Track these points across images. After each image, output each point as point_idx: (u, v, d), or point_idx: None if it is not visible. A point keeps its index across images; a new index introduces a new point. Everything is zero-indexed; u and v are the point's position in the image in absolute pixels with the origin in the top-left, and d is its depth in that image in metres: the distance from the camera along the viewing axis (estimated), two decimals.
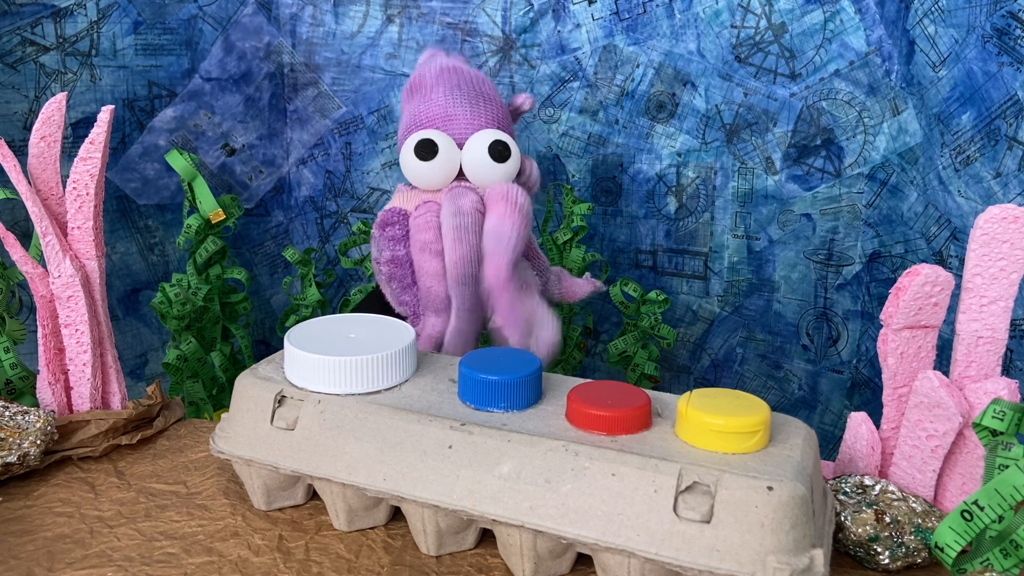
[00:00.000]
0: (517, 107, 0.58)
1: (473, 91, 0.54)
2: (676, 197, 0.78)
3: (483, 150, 0.51)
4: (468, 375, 0.37)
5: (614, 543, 0.32)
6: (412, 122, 0.55)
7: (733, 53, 0.73)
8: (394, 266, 0.52)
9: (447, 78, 0.54)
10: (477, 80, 0.55)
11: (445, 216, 0.49)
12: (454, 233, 0.48)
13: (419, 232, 0.50)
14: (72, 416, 0.46)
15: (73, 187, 0.46)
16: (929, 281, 0.37)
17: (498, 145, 0.51)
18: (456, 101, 0.53)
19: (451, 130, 0.53)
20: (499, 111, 0.55)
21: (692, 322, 0.80)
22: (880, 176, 0.70)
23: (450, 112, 0.53)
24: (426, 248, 0.50)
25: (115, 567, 0.36)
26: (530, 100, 0.59)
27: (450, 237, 0.49)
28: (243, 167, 0.82)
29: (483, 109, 0.53)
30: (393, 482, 0.36)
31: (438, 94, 0.54)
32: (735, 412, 0.33)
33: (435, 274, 0.50)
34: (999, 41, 0.54)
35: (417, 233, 0.50)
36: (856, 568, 0.37)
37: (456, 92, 0.53)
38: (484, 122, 0.53)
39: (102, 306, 0.48)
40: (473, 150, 0.52)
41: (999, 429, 0.34)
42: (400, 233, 0.52)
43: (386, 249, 0.52)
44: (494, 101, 0.55)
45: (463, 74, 0.55)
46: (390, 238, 0.52)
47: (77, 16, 0.70)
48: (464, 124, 0.53)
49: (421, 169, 0.51)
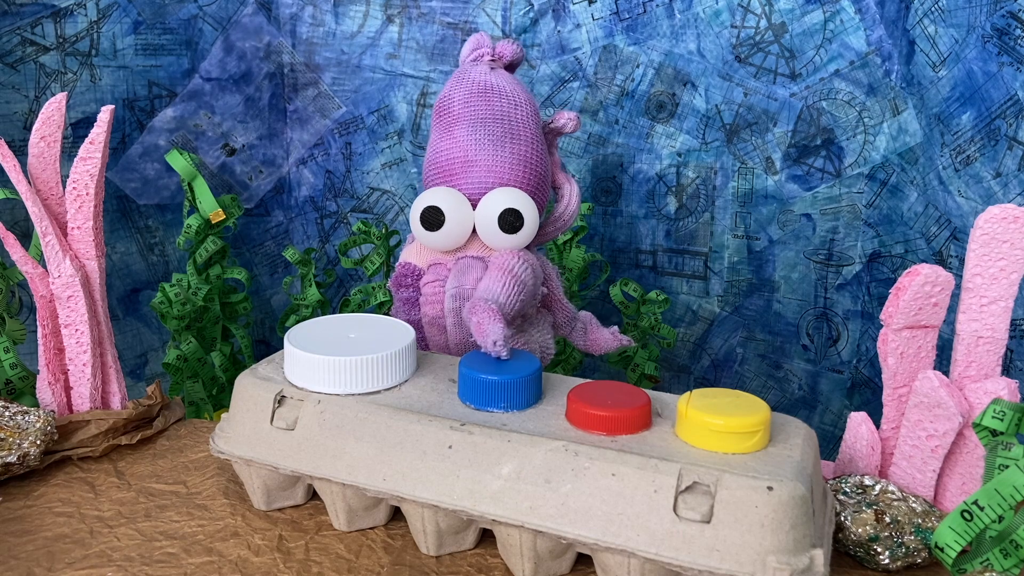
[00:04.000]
0: (559, 128, 0.53)
1: (500, 127, 0.49)
2: (676, 197, 0.78)
3: (493, 219, 0.47)
4: (468, 375, 0.37)
5: (614, 543, 0.32)
6: (432, 161, 0.50)
7: (733, 53, 0.73)
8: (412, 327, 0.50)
9: (474, 108, 0.49)
10: (510, 108, 0.50)
11: (447, 292, 0.46)
12: (453, 317, 0.46)
13: (426, 305, 0.48)
14: (72, 416, 0.46)
15: (73, 187, 0.46)
16: (929, 281, 0.37)
17: (509, 216, 0.47)
18: (478, 142, 0.48)
19: (468, 182, 0.48)
20: (527, 150, 0.49)
21: (692, 322, 0.80)
22: (880, 176, 0.70)
23: (470, 156, 0.48)
24: (433, 323, 0.48)
25: (115, 567, 0.36)
26: (573, 123, 0.52)
27: (450, 320, 0.47)
28: (243, 167, 0.82)
29: (508, 153, 0.48)
30: (393, 482, 0.36)
31: (461, 131, 0.49)
32: (735, 412, 0.33)
33: (443, 348, 0.48)
34: (999, 41, 0.54)
35: (425, 305, 0.48)
36: (856, 568, 0.37)
37: (480, 130, 0.49)
38: (505, 174, 0.48)
39: (102, 306, 0.48)
40: (484, 216, 0.47)
41: (999, 429, 0.34)
42: (413, 296, 0.49)
43: (402, 312, 0.50)
44: (524, 137, 0.49)
45: (493, 99, 0.49)
46: (404, 300, 0.50)
47: (77, 16, 0.70)
48: (483, 173, 0.48)
49: (428, 238, 0.48)
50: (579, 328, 0.54)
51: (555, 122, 0.52)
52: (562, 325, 0.53)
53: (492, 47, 0.52)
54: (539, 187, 0.50)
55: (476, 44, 0.53)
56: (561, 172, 0.53)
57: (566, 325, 0.53)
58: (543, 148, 0.51)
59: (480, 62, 0.52)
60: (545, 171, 0.51)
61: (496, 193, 0.48)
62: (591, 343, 0.54)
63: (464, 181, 0.48)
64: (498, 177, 0.48)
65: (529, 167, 0.49)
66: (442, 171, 0.49)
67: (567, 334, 0.53)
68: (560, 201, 0.53)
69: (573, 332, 0.54)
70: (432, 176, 0.50)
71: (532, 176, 0.49)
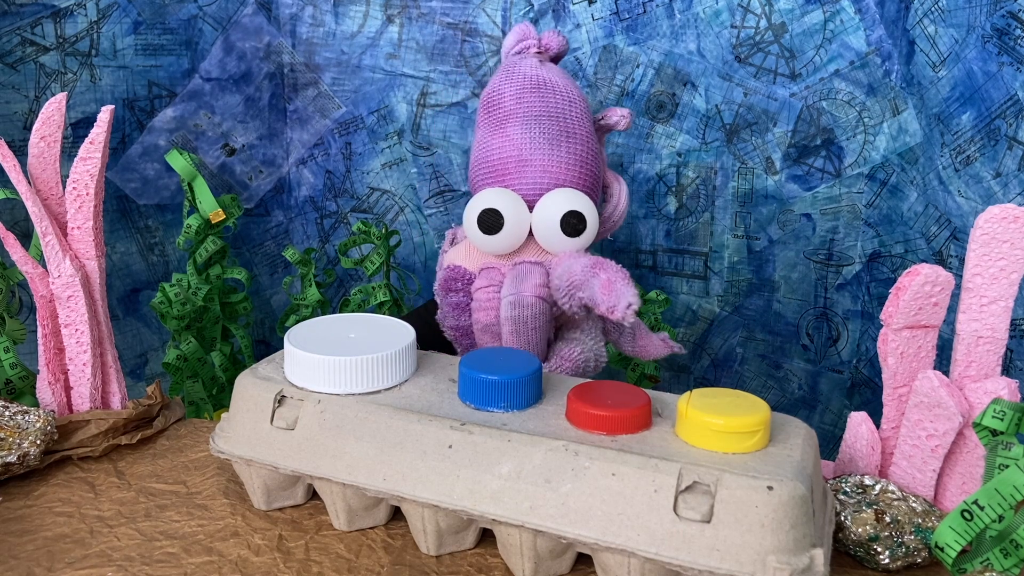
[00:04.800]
0: (610, 125, 0.51)
1: (556, 124, 0.47)
2: (676, 197, 0.78)
3: (555, 223, 0.45)
4: (468, 375, 0.37)
5: (614, 543, 0.32)
6: (482, 160, 0.49)
7: (733, 53, 0.73)
8: (459, 333, 0.49)
9: (528, 104, 0.48)
10: (565, 104, 0.48)
11: (504, 299, 0.45)
12: (510, 326, 0.44)
13: (479, 312, 0.46)
14: (72, 416, 0.46)
15: (73, 187, 0.46)
16: (929, 281, 0.37)
17: (572, 218, 0.45)
18: (534, 140, 0.47)
19: (523, 182, 0.47)
20: (583, 149, 0.48)
21: (692, 322, 0.80)
22: (880, 176, 0.70)
23: (525, 156, 0.47)
24: (487, 330, 0.46)
25: (115, 567, 0.36)
26: (626, 120, 0.51)
27: (507, 329, 0.45)
28: (243, 167, 0.82)
29: (564, 152, 0.47)
30: (393, 482, 0.36)
31: (515, 128, 0.47)
32: (735, 412, 0.33)
33: None
34: (999, 41, 0.54)
35: (477, 312, 0.46)
36: (856, 568, 0.37)
37: (535, 127, 0.47)
38: (563, 174, 0.47)
39: (102, 306, 0.48)
40: (545, 220, 0.46)
41: (999, 429, 0.34)
42: (464, 301, 0.48)
43: (450, 317, 0.48)
44: (580, 136, 0.48)
45: (548, 98, 0.48)
46: (454, 305, 0.48)
47: (77, 16, 0.70)
48: (539, 173, 0.47)
49: (485, 242, 0.46)
50: (627, 333, 0.52)
51: (606, 119, 0.51)
52: (611, 331, 0.51)
53: (538, 38, 0.51)
54: (594, 187, 0.49)
55: (521, 35, 0.51)
56: (610, 171, 0.52)
57: (615, 331, 0.52)
58: (597, 147, 0.50)
59: (527, 55, 0.50)
60: (599, 171, 0.49)
61: (555, 195, 0.46)
62: (640, 349, 0.53)
63: (518, 181, 0.47)
64: (554, 178, 0.47)
65: (585, 167, 0.48)
66: (494, 170, 0.48)
67: (615, 339, 0.52)
68: (609, 201, 0.51)
69: (621, 338, 0.52)
70: (483, 175, 0.48)
71: (588, 176, 0.48)
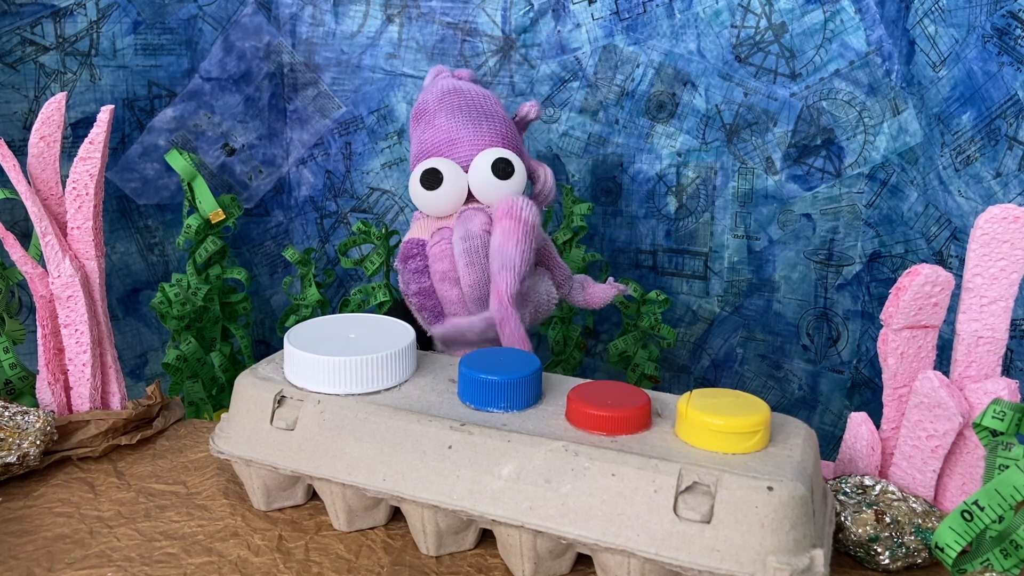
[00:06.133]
0: (523, 117, 0.58)
1: (475, 111, 0.54)
2: (676, 197, 0.78)
3: (486, 169, 0.51)
4: (468, 375, 0.37)
5: (614, 543, 0.32)
6: (418, 151, 0.55)
7: (733, 53, 0.73)
8: (422, 297, 0.52)
9: (449, 101, 0.54)
10: (480, 98, 0.55)
11: (455, 241, 0.49)
12: (465, 258, 0.48)
13: (436, 262, 0.50)
14: (72, 416, 0.46)
15: (73, 187, 0.46)
16: (929, 281, 0.37)
17: (500, 163, 0.51)
18: (458, 123, 0.53)
19: (455, 154, 0.53)
20: (503, 127, 0.54)
21: (692, 322, 0.80)
22: (880, 176, 0.70)
23: (453, 136, 0.53)
24: (445, 278, 0.50)
25: (115, 567, 0.36)
26: (535, 109, 0.58)
27: (462, 262, 0.48)
28: (243, 167, 0.82)
29: (486, 128, 0.53)
30: (393, 482, 0.36)
31: (440, 119, 0.54)
32: (735, 412, 0.33)
33: (458, 301, 0.50)
34: (999, 41, 0.54)
35: (434, 263, 0.50)
36: (856, 568, 0.37)
37: (458, 114, 0.53)
38: (488, 141, 0.53)
39: (102, 306, 0.48)
40: (477, 171, 0.51)
41: (999, 429, 0.34)
42: (422, 265, 0.51)
43: (412, 283, 0.52)
44: (498, 117, 0.54)
45: (465, 95, 0.55)
46: (413, 271, 0.52)
47: (77, 16, 0.70)
48: (468, 146, 0.52)
49: (429, 198, 0.51)
50: (576, 286, 0.56)
51: (519, 115, 0.57)
52: (561, 284, 0.55)
53: (451, 72, 0.58)
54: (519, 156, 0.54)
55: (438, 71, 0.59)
56: (534, 160, 0.57)
57: (564, 284, 0.55)
58: (516, 130, 0.55)
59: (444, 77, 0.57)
60: (520, 148, 0.55)
61: (483, 153, 0.52)
62: (589, 296, 0.57)
63: (451, 155, 0.52)
64: (481, 147, 0.52)
65: (507, 139, 0.54)
66: (428, 153, 0.53)
67: (566, 294, 0.56)
68: (537, 182, 0.56)
69: (572, 291, 0.56)
70: (419, 159, 0.54)
71: (511, 145, 0.54)
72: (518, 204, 0.48)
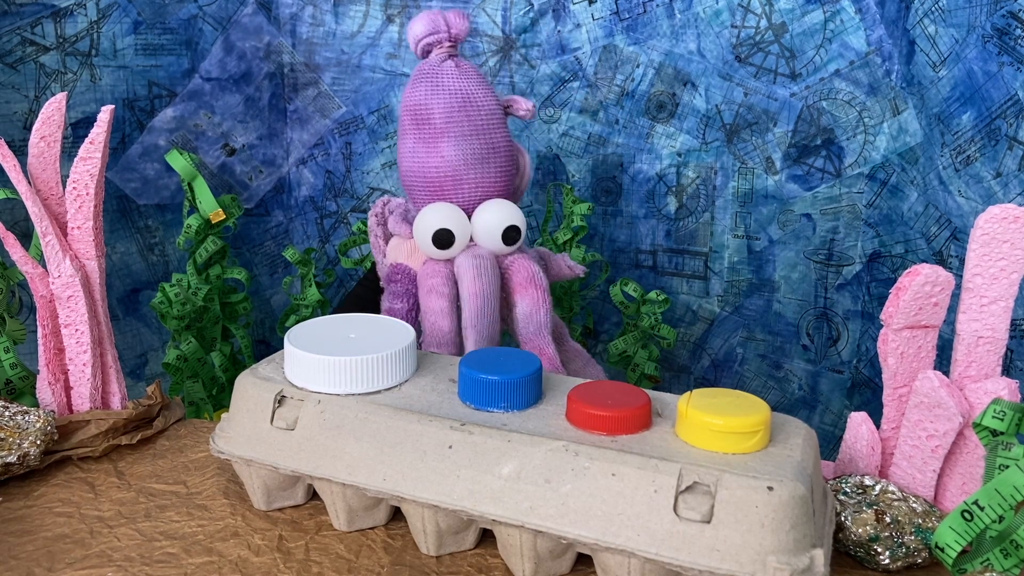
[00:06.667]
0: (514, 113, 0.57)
1: (482, 143, 0.54)
2: (676, 197, 0.78)
3: (496, 236, 0.53)
4: (468, 375, 0.37)
5: (614, 543, 0.32)
6: (419, 173, 0.54)
7: (733, 53, 0.73)
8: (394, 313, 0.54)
9: (457, 122, 0.53)
10: (486, 119, 0.54)
11: (464, 258, 0.52)
12: (474, 271, 0.51)
13: (426, 278, 0.52)
14: (72, 416, 0.46)
15: (73, 187, 0.46)
16: (929, 281, 0.37)
17: (511, 232, 0.53)
18: (466, 162, 0.53)
19: (459, 196, 0.54)
20: (505, 161, 0.55)
21: (692, 322, 0.80)
22: (880, 176, 0.70)
23: (460, 174, 0.53)
24: (432, 291, 0.52)
25: (115, 567, 0.36)
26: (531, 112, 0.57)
27: (470, 275, 0.51)
28: (243, 167, 0.82)
29: (492, 168, 0.54)
30: (393, 482, 0.36)
31: (447, 149, 0.53)
32: (735, 412, 0.33)
33: (440, 312, 0.52)
34: (999, 41, 0.54)
35: (424, 279, 0.53)
36: (856, 568, 0.37)
37: (465, 147, 0.53)
38: (491, 186, 0.54)
39: (102, 306, 0.48)
40: (486, 232, 0.53)
41: (999, 429, 0.34)
42: (402, 289, 0.54)
43: (386, 301, 0.54)
44: (501, 148, 0.54)
45: (472, 115, 0.53)
46: (392, 293, 0.54)
47: (77, 16, 0.70)
48: (472, 188, 0.54)
49: (438, 255, 0.53)
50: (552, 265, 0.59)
51: (512, 109, 0.57)
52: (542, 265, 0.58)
53: (447, 28, 0.54)
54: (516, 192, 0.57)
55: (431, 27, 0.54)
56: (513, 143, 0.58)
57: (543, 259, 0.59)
58: (512, 146, 0.56)
59: (440, 52, 0.55)
60: (515, 165, 0.56)
61: (491, 208, 0.53)
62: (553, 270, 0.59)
63: (455, 195, 0.54)
64: (485, 191, 0.54)
65: (508, 175, 0.55)
66: (432, 185, 0.54)
67: None
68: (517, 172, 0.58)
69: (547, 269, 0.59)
70: (420, 188, 0.55)
71: (510, 181, 0.56)
72: (535, 271, 0.53)
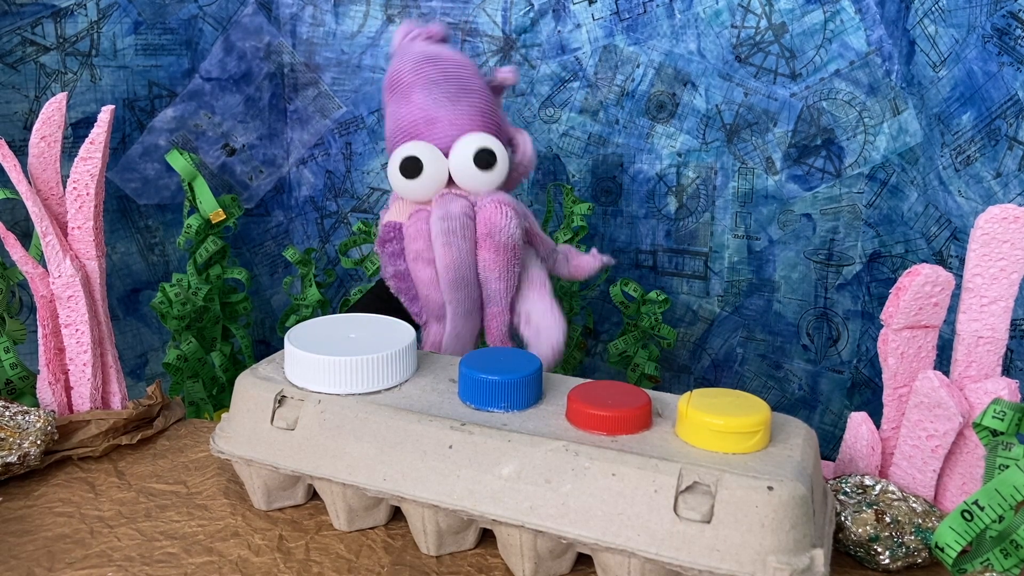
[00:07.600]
0: (500, 83, 0.56)
1: (453, 86, 0.52)
2: (676, 197, 0.78)
3: (468, 160, 0.50)
4: (468, 375, 0.37)
5: (614, 543, 0.32)
6: (395, 127, 0.53)
7: (733, 53, 0.73)
8: (399, 280, 0.52)
9: (424, 73, 0.52)
10: (456, 68, 0.53)
11: (433, 221, 0.48)
12: (443, 238, 0.48)
13: (410, 242, 0.50)
14: (72, 416, 0.46)
15: (73, 187, 0.46)
16: (929, 281, 0.37)
17: (484, 154, 0.50)
18: (436, 102, 0.51)
19: (434, 136, 0.51)
20: (482, 102, 0.53)
21: (692, 322, 0.80)
22: (880, 176, 0.70)
23: (431, 115, 0.51)
24: (419, 258, 0.49)
25: (115, 567, 0.36)
26: (513, 74, 0.56)
27: (439, 242, 0.48)
28: (243, 167, 0.82)
29: (465, 105, 0.51)
30: (393, 482, 0.36)
31: (418, 95, 0.52)
32: (735, 412, 0.33)
33: (430, 282, 0.50)
34: (999, 41, 0.54)
35: (409, 243, 0.50)
36: (856, 568, 0.37)
37: (435, 91, 0.51)
38: (467, 123, 0.51)
39: (102, 306, 0.48)
40: (459, 159, 0.50)
41: (999, 429, 0.34)
42: (399, 248, 0.51)
43: (389, 265, 0.52)
44: (475, 90, 0.53)
45: (441, 64, 0.53)
46: (390, 254, 0.52)
47: (77, 16, 0.70)
48: (447, 127, 0.51)
49: (408, 186, 0.50)
50: (561, 259, 0.56)
51: (496, 79, 0.56)
52: (545, 258, 0.55)
53: (424, 29, 0.56)
54: (497, 134, 0.53)
55: (408, 29, 0.57)
56: (512, 126, 0.56)
57: (548, 257, 0.55)
58: (494, 100, 0.55)
59: (417, 40, 0.55)
60: (500, 121, 0.54)
61: (465, 138, 0.50)
62: (575, 269, 0.56)
63: (429, 137, 0.51)
64: (460, 128, 0.51)
65: (486, 116, 0.52)
66: (405, 132, 0.52)
67: (551, 267, 0.55)
68: (516, 151, 0.56)
69: (556, 264, 0.56)
70: (397, 139, 0.52)
71: (490, 124, 0.53)
72: (499, 225, 0.48)
